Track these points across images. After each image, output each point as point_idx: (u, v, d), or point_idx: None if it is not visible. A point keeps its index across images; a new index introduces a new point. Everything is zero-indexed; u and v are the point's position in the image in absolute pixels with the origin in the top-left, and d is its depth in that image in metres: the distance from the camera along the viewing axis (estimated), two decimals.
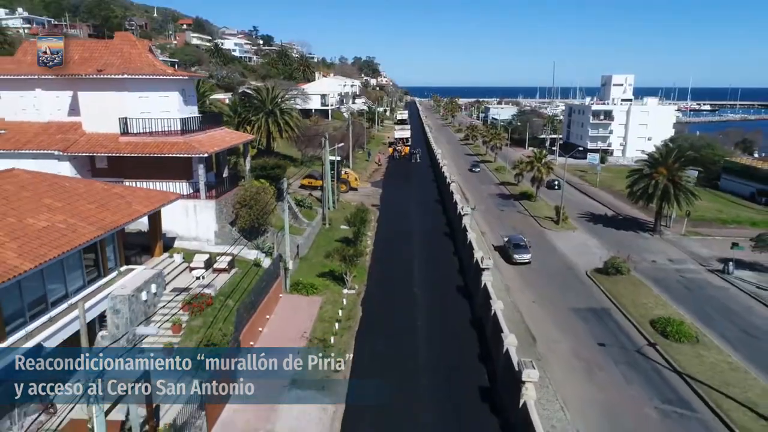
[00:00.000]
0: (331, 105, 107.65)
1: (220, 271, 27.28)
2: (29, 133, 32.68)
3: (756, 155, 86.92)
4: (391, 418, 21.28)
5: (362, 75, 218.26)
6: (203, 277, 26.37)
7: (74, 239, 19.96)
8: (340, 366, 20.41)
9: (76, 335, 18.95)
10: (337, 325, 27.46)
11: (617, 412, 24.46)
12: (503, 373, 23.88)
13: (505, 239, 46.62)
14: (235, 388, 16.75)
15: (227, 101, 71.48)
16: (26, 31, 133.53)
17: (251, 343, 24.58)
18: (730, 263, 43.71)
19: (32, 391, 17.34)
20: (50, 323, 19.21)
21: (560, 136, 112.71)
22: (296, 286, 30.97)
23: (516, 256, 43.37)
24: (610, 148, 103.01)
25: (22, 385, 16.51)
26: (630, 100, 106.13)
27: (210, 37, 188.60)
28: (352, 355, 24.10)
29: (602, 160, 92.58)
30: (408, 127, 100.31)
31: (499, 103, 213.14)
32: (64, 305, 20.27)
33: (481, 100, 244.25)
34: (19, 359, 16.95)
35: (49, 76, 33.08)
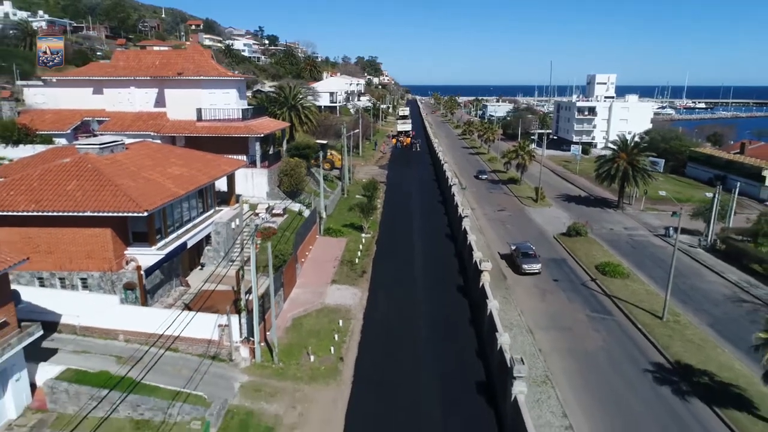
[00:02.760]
0: (339, 102, 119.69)
1: (277, 215, 39.41)
2: (128, 120, 44.88)
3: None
4: (397, 297, 33.82)
5: (365, 74, 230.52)
6: (266, 218, 38.51)
7: (196, 182, 32.10)
8: (364, 273, 32.80)
9: (197, 244, 31.17)
10: (359, 254, 39.79)
11: (559, 317, 36.03)
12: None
13: (513, 247, 44.64)
14: (296, 281, 28.71)
15: (250, 97, 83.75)
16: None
17: (302, 260, 36.78)
18: (670, 228, 55.73)
19: (177, 272, 29.66)
20: (185, 233, 31.30)
21: (550, 131, 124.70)
22: (328, 231, 43.41)
23: (525, 266, 41.51)
24: (594, 140, 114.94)
25: (172, 266, 28.76)
26: (612, 97, 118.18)
27: (220, 38, 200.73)
28: (371, 270, 36.41)
29: (585, 152, 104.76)
30: (409, 121, 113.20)
31: (498, 101, 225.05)
32: (191, 224, 32.40)
33: (480, 98, 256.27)
34: (173, 250, 29.23)
35: (141, 77, 45.33)
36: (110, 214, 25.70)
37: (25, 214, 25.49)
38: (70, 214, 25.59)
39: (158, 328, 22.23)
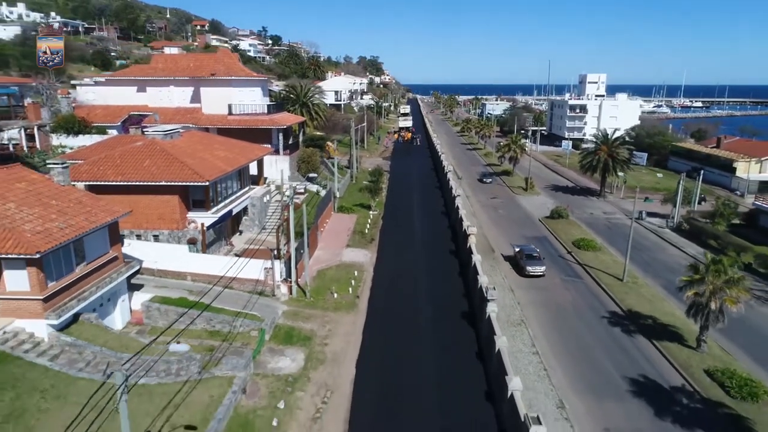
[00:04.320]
0: (343, 100, 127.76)
1: (299, 194, 47.35)
2: (169, 114, 52.93)
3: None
4: (400, 257, 42.04)
5: (367, 73, 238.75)
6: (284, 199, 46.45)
7: (237, 162, 40.16)
8: (373, 240, 40.82)
9: (236, 214, 39.22)
10: (368, 226, 47.92)
11: (537, 280, 43.10)
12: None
13: (517, 249, 45.38)
14: (318, 245, 36.40)
15: None
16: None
17: (321, 229, 44.80)
18: (643, 212, 63.89)
19: (224, 234, 37.63)
20: (230, 203, 39.32)
21: (544, 128, 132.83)
22: (341, 209, 51.59)
23: (529, 268, 41.96)
24: (585, 136, 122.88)
25: (221, 229, 36.73)
26: (603, 95, 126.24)
27: (226, 39, 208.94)
28: (378, 238, 44.46)
29: (576, 147, 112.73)
30: (410, 118, 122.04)
31: (497, 100, 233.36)
32: (234, 197, 40.43)
33: (479, 97, 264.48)
34: (222, 215, 37.31)
35: (179, 77, 53.37)
36: (179, 184, 33.75)
37: (113, 183, 33.51)
38: (148, 183, 33.63)
39: (218, 271, 30.07)
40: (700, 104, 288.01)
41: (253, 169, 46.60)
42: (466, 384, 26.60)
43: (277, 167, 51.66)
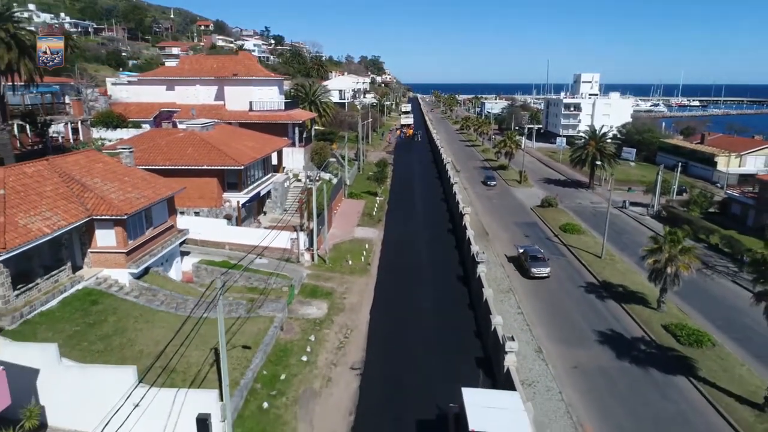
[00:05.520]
0: (347, 99, 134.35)
1: (314, 180, 53.85)
2: (195, 110, 59.37)
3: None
4: (404, 233, 48.59)
5: (368, 73, 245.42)
6: (308, 182, 52.97)
7: (263, 151, 46.70)
8: (380, 220, 47.32)
9: (262, 197, 45.79)
10: (375, 209, 54.57)
11: None
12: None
13: (520, 250, 45.64)
14: (333, 224, 42.96)
15: None
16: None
17: (335, 211, 51.36)
18: (626, 201, 70.52)
19: (253, 213, 44.18)
20: (257, 186, 45.84)
21: (540, 125, 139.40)
22: (351, 195, 58.30)
23: (534, 270, 42.03)
24: (579, 133, 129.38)
25: (251, 208, 43.26)
26: (596, 94, 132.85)
27: (231, 39, 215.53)
28: (384, 219, 51.02)
29: (570, 144, 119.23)
30: (411, 116, 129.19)
31: (496, 99, 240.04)
32: (260, 181, 46.96)
33: (479, 96, 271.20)
34: (252, 196, 43.90)
35: (205, 77, 59.89)
36: (217, 168, 40.26)
37: (162, 167, 39.97)
38: (191, 167, 40.13)
39: (252, 241, 36.37)
40: (697, 103, 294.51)
41: (273, 160, 53.08)
42: (460, 325, 33.18)
43: (294, 158, 58.22)
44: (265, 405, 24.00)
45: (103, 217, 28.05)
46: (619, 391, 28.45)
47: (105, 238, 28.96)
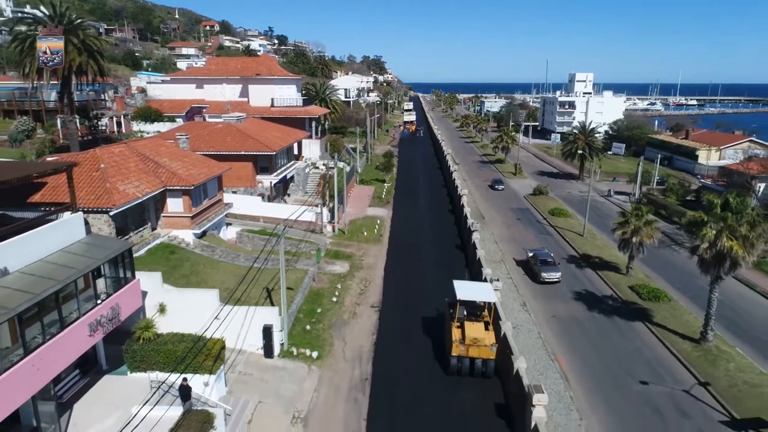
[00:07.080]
0: (352, 97, 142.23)
1: (330, 168, 61.83)
2: (222, 106, 67.28)
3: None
4: (410, 211, 56.58)
5: (371, 72, 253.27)
6: (324, 169, 60.93)
7: (288, 141, 54.58)
8: (389, 202, 55.29)
9: (286, 181, 53.73)
10: (384, 193, 62.57)
11: (516, 236, 58.05)
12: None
13: (530, 254, 45.17)
14: (348, 204, 50.94)
15: None
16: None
17: (349, 194, 59.32)
18: (611, 190, 78.50)
19: (281, 194, 52.20)
20: (284, 171, 53.67)
21: (537, 123, 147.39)
22: (362, 181, 66.22)
23: (544, 275, 41.32)
24: (573, 130, 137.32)
25: (279, 190, 51.18)
26: (590, 93, 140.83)
27: (237, 39, 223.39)
28: (392, 200, 59.04)
29: (564, 139, 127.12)
30: (413, 113, 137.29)
31: (495, 98, 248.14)
32: (285, 167, 54.82)
33: (479, 95, 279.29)
34: (280, 179, 51.88)
35: (231, 77, 67.78)
36: (253, 153, 48.12)
37: (206, 153, 47.76)
38: (231, 153, 47.96)
39: (283, 215, 44.15)
40: (694, 102, 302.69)
41: (294, 150, 60.93)
42: (459, 277, 41.03)
43: (311, 148, 66.12)
44: (308, 327, 31.90)
45: (175, 187, 35.87)
46: (587, 333, 35.82)
47: (175, 204, 36.78)
